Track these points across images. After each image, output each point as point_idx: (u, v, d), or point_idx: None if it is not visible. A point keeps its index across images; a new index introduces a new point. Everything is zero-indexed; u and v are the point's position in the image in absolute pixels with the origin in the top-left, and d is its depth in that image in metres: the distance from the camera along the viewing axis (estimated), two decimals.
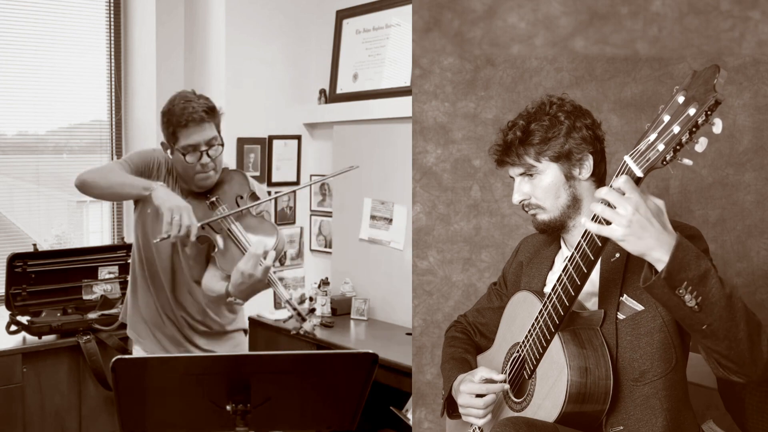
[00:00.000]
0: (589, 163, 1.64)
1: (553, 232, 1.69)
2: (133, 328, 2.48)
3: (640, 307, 1.54)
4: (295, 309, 2.07)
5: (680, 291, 1.33)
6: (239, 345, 2.54)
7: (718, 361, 1.43)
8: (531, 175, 1.65)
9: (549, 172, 1.64)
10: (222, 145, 2.25)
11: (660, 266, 1.34)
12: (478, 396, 1.68)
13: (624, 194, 1.34)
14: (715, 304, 1.34)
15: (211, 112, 2.23)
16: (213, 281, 2.25)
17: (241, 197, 2.29)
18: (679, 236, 1.34)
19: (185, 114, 2.17)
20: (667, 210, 1.39)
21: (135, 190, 2.21)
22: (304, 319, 2.04)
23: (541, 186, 1.64)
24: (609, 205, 1.35)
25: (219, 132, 2.27)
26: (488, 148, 1.75)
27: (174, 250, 2.36)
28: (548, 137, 1.62)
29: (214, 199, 2.28)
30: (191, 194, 2.32)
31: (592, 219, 1.40)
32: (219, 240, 2.22)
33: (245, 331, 2.58)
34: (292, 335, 2.05)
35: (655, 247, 1.33)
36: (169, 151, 2.29)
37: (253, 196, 2.31)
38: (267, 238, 2.21)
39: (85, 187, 2.26)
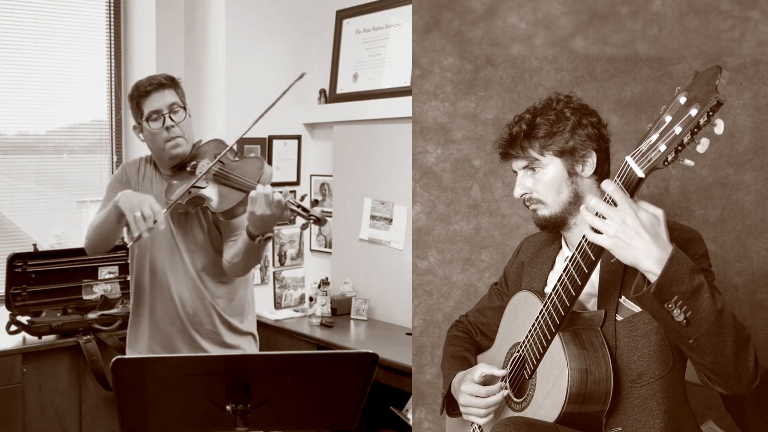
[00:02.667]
0: (592, 161, 1.64)
1: (553, 228, 1.69)
2: (131, 347, 2.44)
3: (637, 309, 1.54)
4: (299, 206, 2.05)
5: (669, 305, 1.33)
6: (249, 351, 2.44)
7: (704, 373, 1.44)
8: (534, 168, 1.66)
9: (552, 167, 1.64)
10: (185, 108, 2.29)
11: (651, 277, 1.34)
12: (479, 397, 1.69)
13: (615, 203, 1.34)
14: (704, 319, 1.34)
15: (171, 81, 2.31)
16: (230, 251, 2.24)
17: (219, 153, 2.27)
18: (674, 249, 1.33)
19: (146, 84, 2.27)
20: (667, 210, 1.38)
21: (110, 215, 2.19)
22: (307, 211, 2.01)
23: (543, 180, 1.64)
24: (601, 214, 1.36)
25: (183, 103, 2.30)
26: (493, 142, 1.75)
27: (158, 256, 2.33)
28: (553, 132, 1.63)
29: (193, 163, 2.29)
30: (173, 174, 2.33)
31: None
32: (209, 192, 2.19)
33: (254, 337, 2.49)
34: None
35: (643, 259, 1.33)
36: (140, 134, 2.33)
37: (232, 151, 2.31)
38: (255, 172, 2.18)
39: (89, 250, 2.35)
